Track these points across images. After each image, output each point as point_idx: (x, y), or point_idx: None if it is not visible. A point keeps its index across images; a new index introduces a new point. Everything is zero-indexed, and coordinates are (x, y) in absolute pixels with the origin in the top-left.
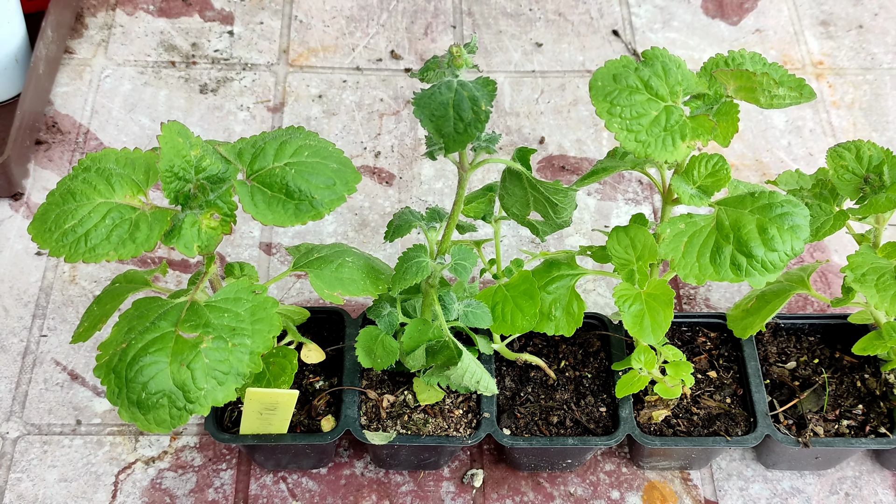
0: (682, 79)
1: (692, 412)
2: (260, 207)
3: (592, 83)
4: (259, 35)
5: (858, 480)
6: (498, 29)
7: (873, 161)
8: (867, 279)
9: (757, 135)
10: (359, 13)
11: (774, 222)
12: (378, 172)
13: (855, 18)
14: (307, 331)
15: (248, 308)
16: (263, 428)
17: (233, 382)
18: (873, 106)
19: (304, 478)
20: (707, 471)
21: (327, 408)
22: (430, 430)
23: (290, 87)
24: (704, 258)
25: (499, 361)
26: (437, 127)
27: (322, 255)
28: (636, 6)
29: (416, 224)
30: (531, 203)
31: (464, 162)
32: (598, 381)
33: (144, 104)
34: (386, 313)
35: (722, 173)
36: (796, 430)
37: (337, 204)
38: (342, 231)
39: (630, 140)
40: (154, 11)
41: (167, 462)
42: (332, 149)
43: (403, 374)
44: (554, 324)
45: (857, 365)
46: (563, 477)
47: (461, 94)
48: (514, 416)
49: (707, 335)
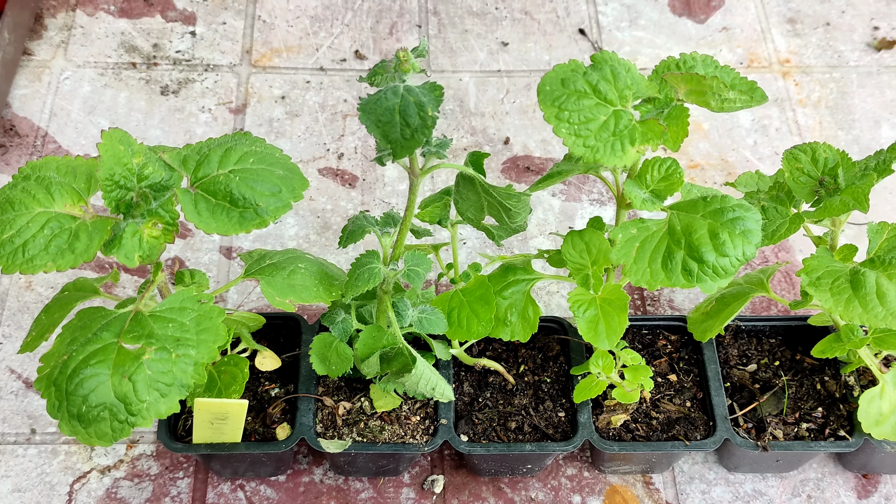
0: (632, 82)
1: (651, 416)
2: (203, 216)
3: (540, 88)
4: (222, 35)
5: (821, 482)
6: (464, 28)
7: (828, 163)
8: (822, 283)
9: (723, 134)
10: (323, 13)
11: (726, 227)
12: (341, 174)
13: (822, 16)
14: (263, 337)
15: (193, 318)
16: (216, 437)
17: (176, 394)
18: (840, 104)
19: (262, 485)
20: (669, 474)
21: (283, 415)
22: (387, 438)
23: (252, 88)
24: (656, 263)
25: (457, 367)
26: (383, 133)
27: (274, 262)
28: (603, 5)
29: (369, 229)
30: (485, 207)
31: (414, 167)
32: (557, 386)
33: (104, 106)
34: (340, 320)
35: (675, 177)
36: (756, 434)
37: (283, 211)
38: (304, 234)
39: (578, 145)
40: (115, 12)
41: (123, 471)
42: (278, 155)
43: (361, 380)
44: (510, 329)
45: (817, 367)
46: (524, 482)
47: (407, 99)
48: (472, 423)
49: (668, 338)
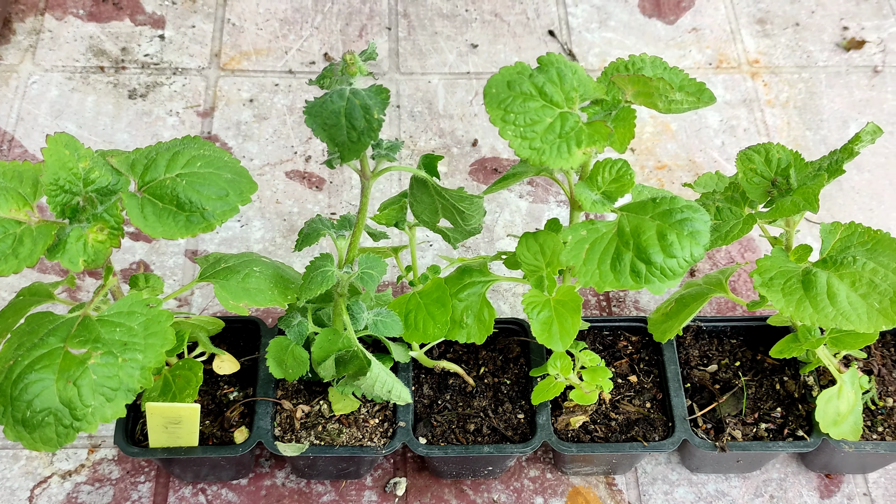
0: (579, 84)
1: (611, 417)
2: (149, 220)
3: (487, 90)
4: (191, 39)
5: (784, 482)
6: (433, 30)
7: (781, 164)
8: (774, 283)
9: (691, 135)
10: (293, 15)
11: (674, 228)
12: (308, 177)
13: (792, 16)
14: (223, 341)
15: (141, 322)
16: (172, 441)
17: (122, 398)
18: (808, 104)
19: (223, 489)
20: (632, 475)
21: (241, 419)
22: (344, 441)
23: (220, 91)
24: (605, 265)
25: (417, 369)
26: (330, 136)
27: (229, 266)
28: (573, 6)
29: (324, 232)
30: (440, 210)
31: (365, 170)
32: (517, 388)
33: (71, 110)
34: (296, 323)
35: (626, 179)
36: (715, 435)
37: (230, 215)
38: (270, 237)
39: (524, 147)
40: (84, 16)
41: (84, 475)
42: (227, 159)
43: (320, 383)
44: (466, 331)
45: (777, 367)
46: (486, 484)
47: (353, 102)
48: (431, 425)
49: (629, 339)
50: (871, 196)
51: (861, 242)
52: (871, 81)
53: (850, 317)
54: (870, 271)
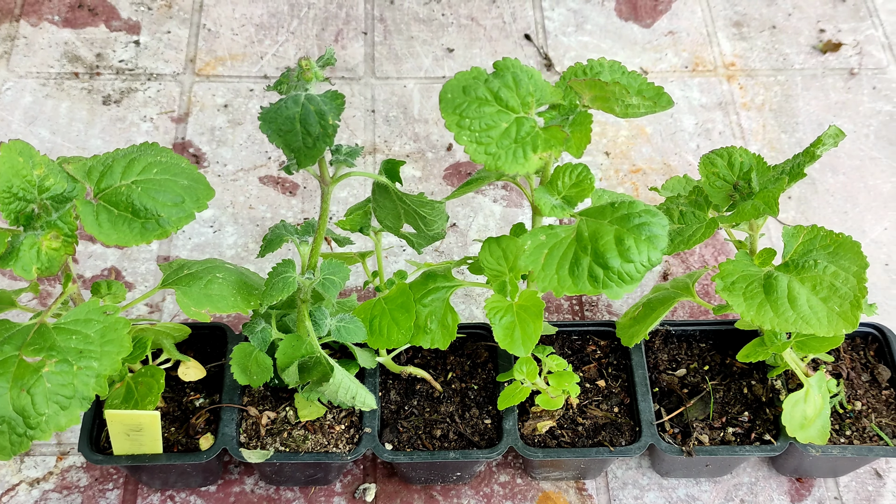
0: (535, 89)
1: (578, 422)
2: (104, 227)
3: (442, 95)
4: (166, 44)
5: (754, 487)
6: (410, 35)
7: (744, 168)
8: (736, 287)
9: (666, 138)
10: (269, 20)
11: (632, 233)
12: (282, 182)
13: (768, 19)
14: (190, 347)
15: (98, 329)
16: (136, 448)
17: (77, 407)
18: (783, 107)
19: (192, 496)
20: (602, 480)
21: (207, 426)
22: (310, 447)
23: (195, 96)
24: (563, 270)
25: (384, 375)
26: (285, 142)
27: (192, 272)
28: (549, 10)
29: (287, 238)
30: (402, 215)
31: (324, 176)
32: (484, 393)
33: (45, 117)
34: (259, 329)
35: (586, 183)
36: (682, 439)
37: (185, 221)
38: (242, 242)
39: (480, 153)
40: (59, 22)
41: (52, 483)
42: (184, 165)
43: (287, 390)
44: (430, 337)
45: (746, 371)
46: (456, 489)
47: (308, 108)
48: (398, 431)
49: (598, 344)
50: (846, 199)
51: (823, 246)
52: (847, 84)
53: (810, 320)
54: (831, 275)
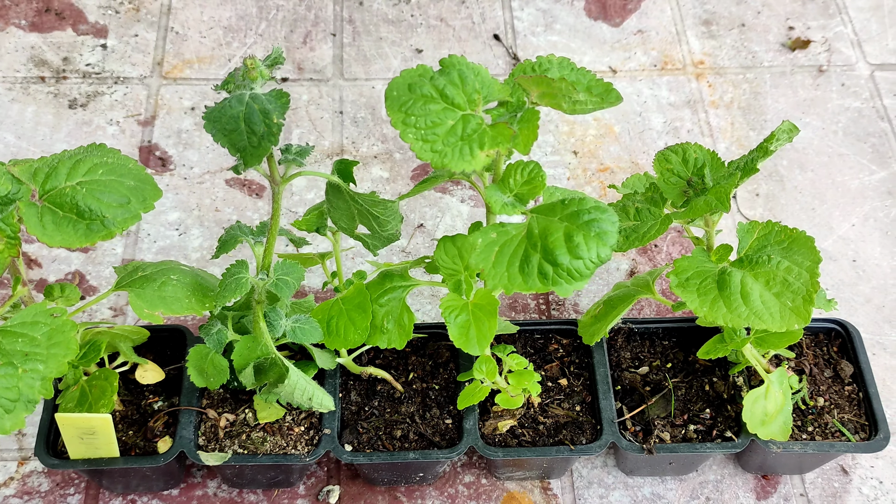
0: (482, 86)
1: (539, 421)
2: (48, 228)
3: (388, 93)
4: (133, 48)
5: (720, 484)
6: (378, 36)
7: (698, 164)
8: (690, 284)
9: (634, 137)
10: (237, 23)
11: (581, 229)
12: (248, 184)
13: (738, 17)
14: (150, 350)
15: (45, 332)
16: (91, 452)
17: (22, 410)
18: (752, 105)
19: (154, 500)
20: (567, 479)
21: (165, 429)
22: (268, 449)
23: (162, 99)
24: (514, 267)
25: (345, 376)
26: (230, 141)
27: (146, 274)
28: (519, 10)
29: (241, 238)
30: (356, 216)
31: (275, 175)
32: (445, 393)
33: (11, 121)
34: (215, 331)
35: (538, 180)
36: (643, 437)
37: (131, 222)
38: (208, 245)
39: (426, 150)
40: (26, 26)
41: (13, 488)
42: (131, 166)
43: (246, 391)
44: (386, 337)
45: (709, 368)
46: (420, 490)
47: (252, 106)
48: (358, 432)
49: (560, 342)
50: (814, 195)
51: (777, 241)
52: (815, 81)
53: (763, 316)
54: (784, 270)
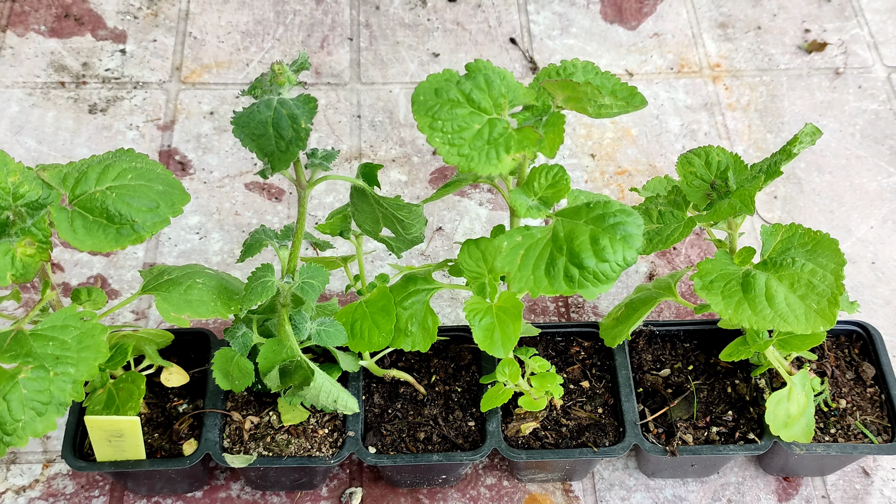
0: (507, 91)
1: (561, 423)
2: (79, 233)
3: (414, 98)
4: (152, 53)
5: (741, 486)
6: (395, 40)
7: (721, 166)
8: (714, 286)
9: (651, 140)
10: (255, 28)
11: (607, 232)
12: (268, 188)
13: (753, 20)
14: (174, 353)
15: (75, 335)
16: (118, 454)
17: (53, 412)
18: (769, 107)
19: (178, 502)
20: (589, 481)
21: (190, 431)
22: (293, 451)
23: (181, 104)
24: (539, 270)
25: (368, 378)
26: (259, 146)
27: (172, 278)
28: (535, 14)
29: (266, 242)
30: (381, 219)
31: (300, 179)
32: (468, 396)
33: (31, 126)
34: (240, 334)
35: (562, 184)
36: (666, 439)
37: (160, 226)
38: (228, 249)
39: (453, 154)
40: (45, 32)
41: (38, 490)
42: (159, 171)
43: (270, 394)
44: (410, 339)
45: (730, 370)
46: (443, 492)
47: (280, 112)
48: (381, 434)
49: (581, 345)
50: (832, 198)
51: (801, 244)
52: (832, 83)
53: (788, 318)
54: (808, 272)
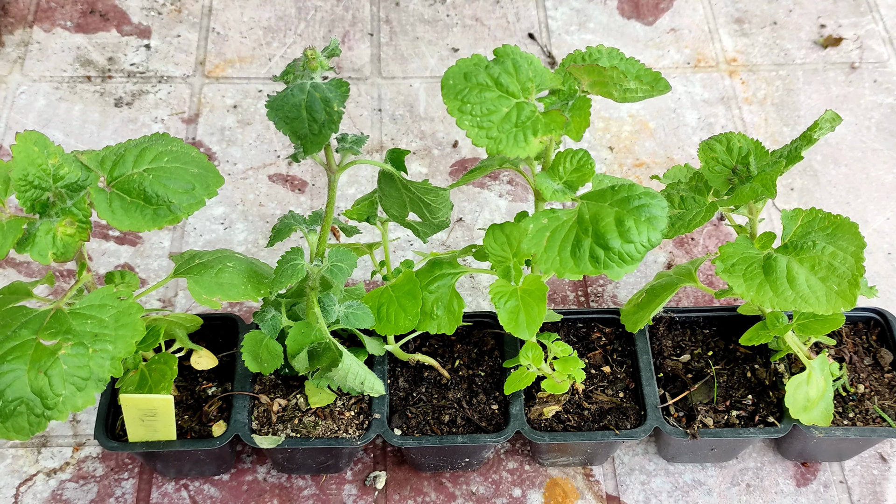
0: (535, 75)
1: (583, 407)
2: (117, 213)
3: (444, 82)
4: (176, 48)
5: (760, 471)
6: (415, 35)
7: (742, 152)
8: (736, 269)
9: (669, 133)
10: (276, 23)
11: (632, 214)
12: (291, 180)
13: (769, 15)
14: (202, 338)
15: (112, 314)
16: (150, 435)
17: (93, 388)
18: (785, 101)
19: (205, 484)
20: (609, 466)
21: (219, 413)
22: (320, 433)
23: (205, 98)
24: (565, 252)
25: (392, 362)
26: (292, 129)
27: (203, 262)
28: (553, 9)
29: (296, 227)
30: (408, 204)
31: (331, 164)
32: (491, 380)
33: (59, 119)
34: (269, 317)
35: (587, 168)
36: (686, 422)
37: (196, 207)
38: (253, 239)
39: (481, 137)
40: (71, 27)
41: (69, 473)
42: (194, 154)
43: (297, 378)
44: (436, 322)
45: (749, 355)
46: (465, 476)
47: (314, 95)
48: (406, 417)
49: (602, 331)
50: (848, 190)
51: (821, 227)
52: (848, 78)
53: (809, 299)
54: (829, 255)
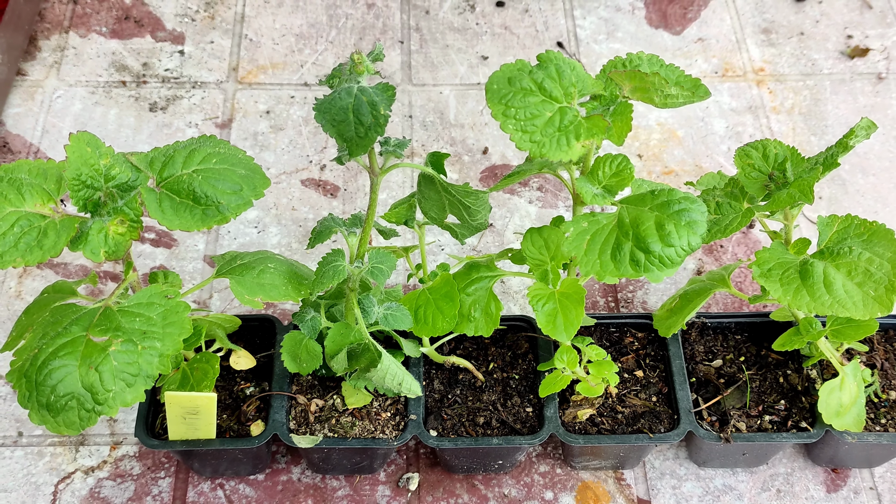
0: (577, 80)
1: (617, 410)
2: (167, 213)
3: (488, 86)
4: (209, 54)
5: (790, 477)
6: (445, 43)
7: (778, 159)
8: (772, 274)
9: (697, 141)
10: (308, 31)
11: (672, 218)
12: (323, 185)
13: (796, 26)
14: (240, 339)
15: (160, 312)
16: (191, 433)
17: (142, 384)
18: (812, 110)
19: (241, 484)
20: (640, 470)
21: (257, 413)
22: (357, 433)
23: (238, 103)
24: (606, 255)
25: (428, 365)
26: (339, 131)
27: (245, 262)
28: (581, 18)
29: (336, 229)
30: (447, 206)
31: (374, 167)
32: (525, 383)
33: (95, 123)
34: (309, 318)
35: (626, 173)
36: (719, 427)
37: (244, 208)
38: (286, 242)
39: (525, 140)
40: (106, 33)
41: (106, 471)
42: (241, 156)
43: (333, 378)
44: (473, 325)
45: (781, 361)
46: (497, 479)
47: (360, 98)
48: (441, 418)
49: (635, 335)
50: (876, 199)
51: (857, 234)
52: (875, 88)
53: (846, 304)
54: (865, 261)
